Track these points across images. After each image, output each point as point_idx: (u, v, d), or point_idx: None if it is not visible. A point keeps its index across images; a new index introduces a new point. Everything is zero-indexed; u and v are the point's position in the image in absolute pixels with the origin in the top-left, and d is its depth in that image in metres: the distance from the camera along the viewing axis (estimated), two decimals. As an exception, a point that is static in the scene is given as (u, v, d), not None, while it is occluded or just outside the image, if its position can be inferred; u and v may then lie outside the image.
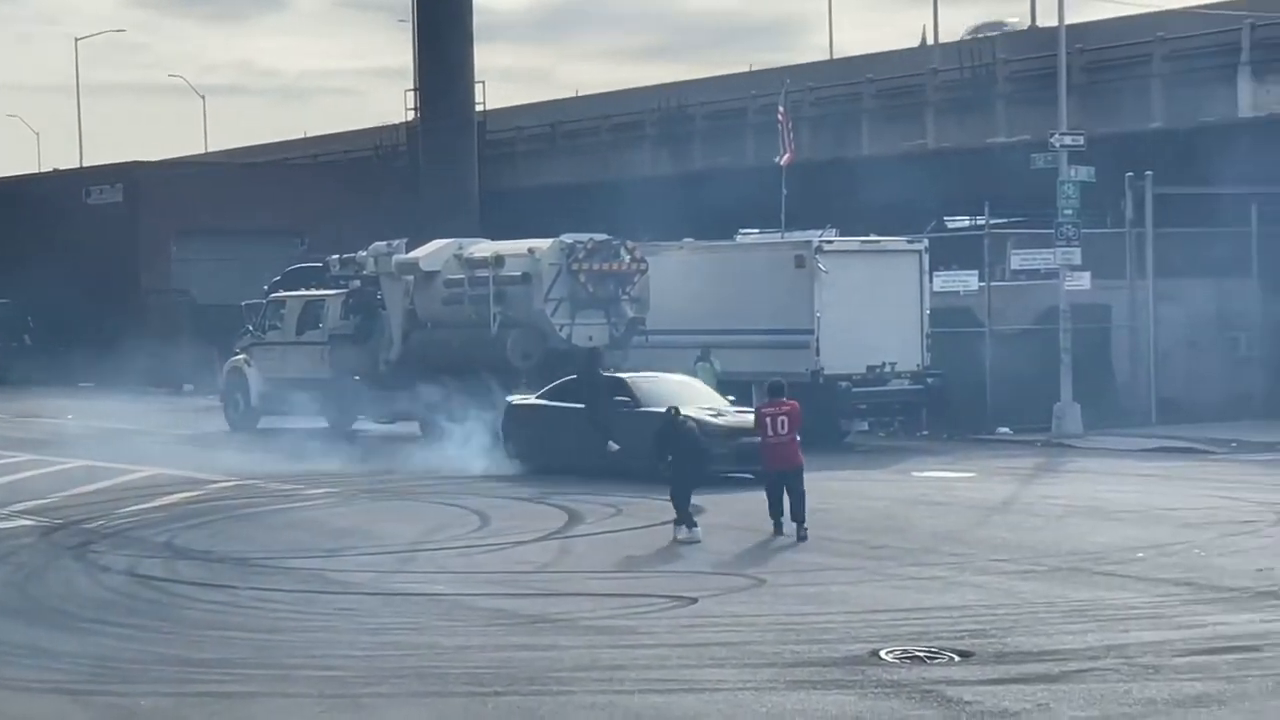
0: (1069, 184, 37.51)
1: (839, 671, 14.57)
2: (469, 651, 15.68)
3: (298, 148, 79.60)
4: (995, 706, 13.27)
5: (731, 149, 54.67)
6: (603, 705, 13.50)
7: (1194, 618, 16.80)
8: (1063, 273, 37.68)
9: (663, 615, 17.46)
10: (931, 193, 44.05)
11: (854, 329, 35.56)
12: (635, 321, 36.31)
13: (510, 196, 58.49)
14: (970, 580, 19.13)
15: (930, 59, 52.85)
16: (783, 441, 22.87)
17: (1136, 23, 47.09)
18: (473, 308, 36.46)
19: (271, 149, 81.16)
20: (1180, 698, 13.48)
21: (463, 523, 24.62)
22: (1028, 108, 44.85)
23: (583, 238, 36.02)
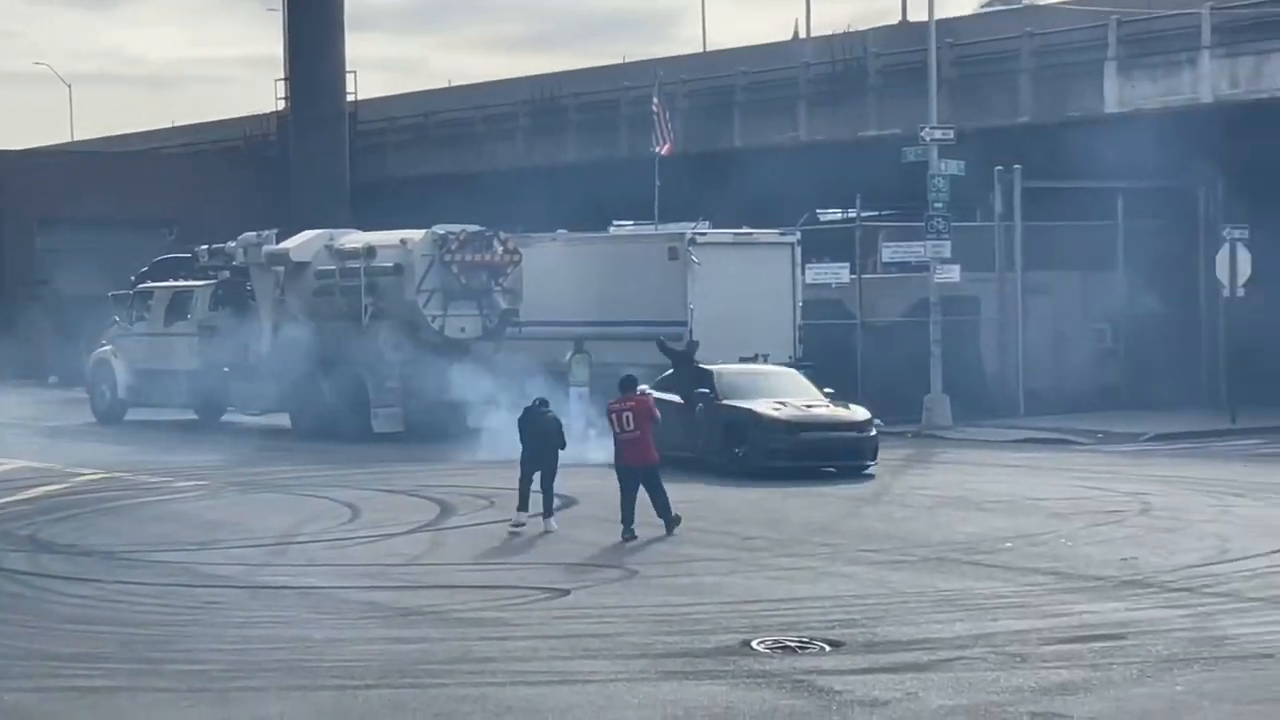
0: (939, 177, 37.86)
1: (711, 662, 14.59)
2: (339, 644, 15.56)
3: (166, 137, 78.57)
4: (865, 696, 13.34)
5: (605, 141, 54.65)
6: (474, 698, 13.43)
7: (1060, 606, 16.98)
8: (933, 265, 38.04)
9: (535, 607, 17.42)
10: (804, 185, 44.25)
11: (727, 321, 35.65)
12: (508, 313, 36.23)
13: (383, 187, 58.11)
14: (841, 570, 19.24)
15: (802, 52, 53.05)
16: (632, 438, 21.95)
17: (1005, 18, 47.60)
18: (344, 299, 36.24)
19: (140, 138, 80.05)
20: (1046, 685, 13.61)
21: (333, 515, 24.44)
22: (899, 101, 45.16)
23: (455, 229, 35.90)
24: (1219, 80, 40.20)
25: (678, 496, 22.78)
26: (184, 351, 39.62)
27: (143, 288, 42.22)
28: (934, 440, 35.75)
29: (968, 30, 47.13)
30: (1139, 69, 41.60)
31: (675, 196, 43.11)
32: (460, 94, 65.08)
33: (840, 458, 28.54)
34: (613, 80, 56.19)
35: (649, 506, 21.98)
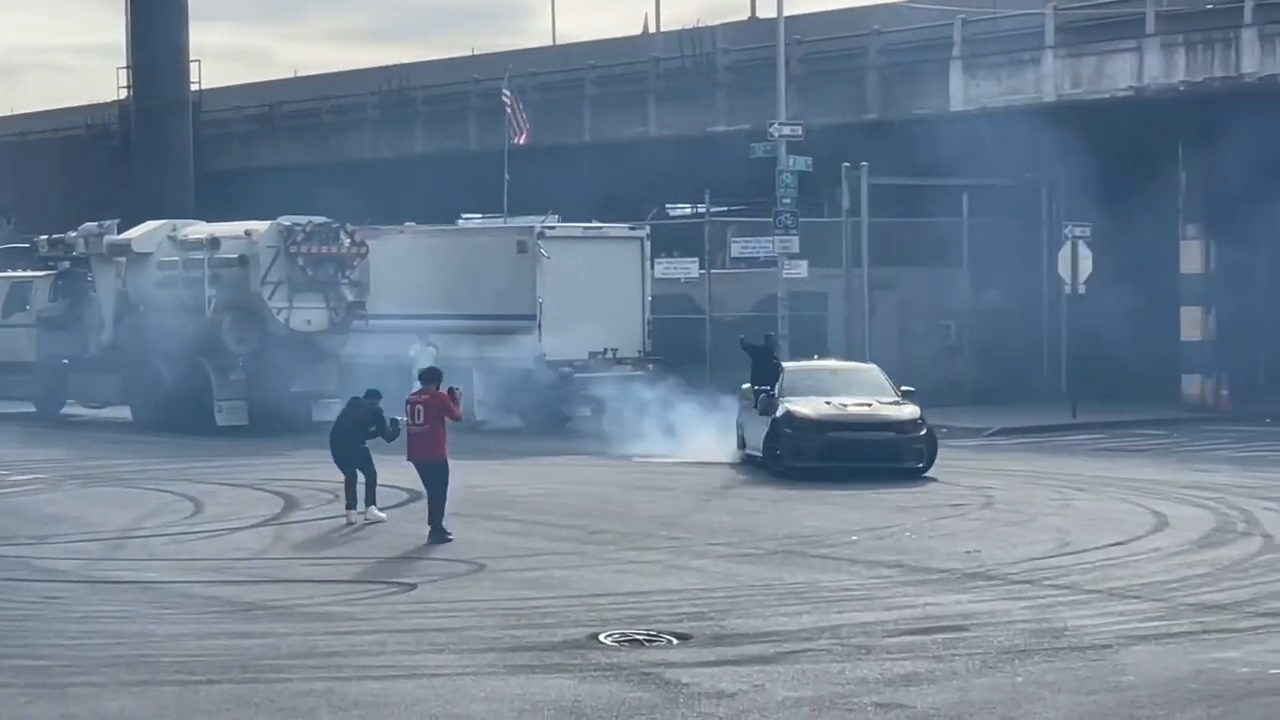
0: (787, 173, 38.12)
1: (558, 655, 14.56)
2: (181, 639, 15.34)
3: (5, 125, 77.20)
4: (712, 688, 13.37)
5: (454, 133, 54.43)
6: (320, 692, 13.30)
7: (905, 599, 17.13)
8: (781, 261, 38.27)
9: (381, 601, 17.30)
10: (653, 180, 44.40)
11: (576, 315, 35.68)
12: (355, 305, 36.01)
13: (228, 178, 57.48)
14: (689, 564, 19.28)
15: (652, 47, 53.18)
16: (419, 431, 21.25)
17: (853, 16, 48.00)
18: (187, 290, 35.83)
19: (-23, 125, 78.62)
20: (891, 677, 13.72)
21: (176, 509, 24.12)
22: (748, 97, 45.40)
23: (301, 220, 35.62)
24: (1061, 80, 40.85)
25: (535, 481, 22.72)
26: (23, 343, 39.01)
27: (-20, 278, 41.49)
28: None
29: (816, 27, 47.47)
30: (983, 68, 42.16)
31: (524, 190, 43.04)
32: (307, 85, 64.59)
33: (874, 459, 26.86)
34: (462, 73, 56.01)
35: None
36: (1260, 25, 38.39)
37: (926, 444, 27.36)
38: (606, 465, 30.25)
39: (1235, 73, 38.59)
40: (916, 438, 27.24)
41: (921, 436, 27.34)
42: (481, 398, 36.72)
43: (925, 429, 27.43)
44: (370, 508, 22.45)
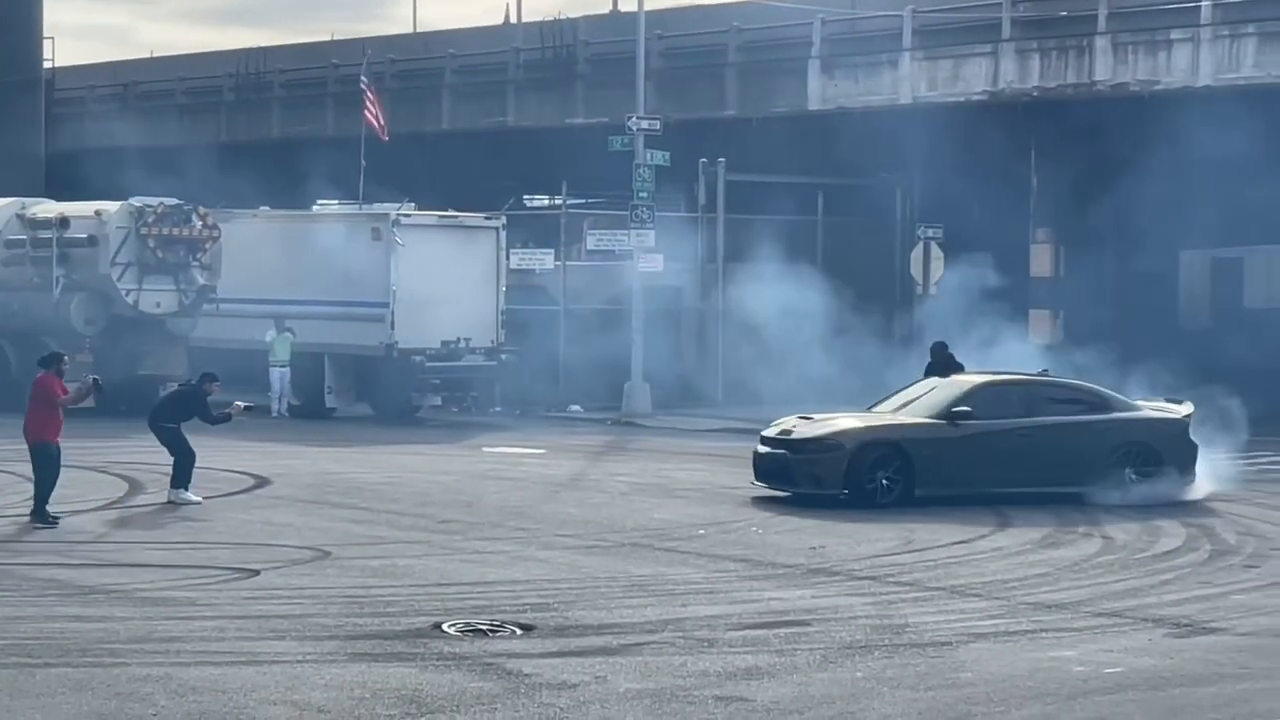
0: (644, 167, 38.20)
1: (401, 644, 14.51)
2: (18, 622, 15.12)
3: None
4: (554, 679, 13.38)
5: (311, 117, 54.04)
6: (158, 677, 13.16)
7: (749, 593, 17.24)
8: (636, 255, 38.34)
9: (223, 587, 17.15)
10: (511, 170, 44.34)
11: (429, 303, 35.58)
12: (206, 289, 35.68)
13: (80, 157, 56.54)
14: (535, 555, 19.29)
15: (513, 38, 53.08)
16: (28, 413, 21.26)
17: (714, 12, 48.17)
18: (35, 270, 35.32)
19: None
20: (732, 670, 13.81)
21: (16, 490, 23.72)
22: (608, 90, 45.43)
23: (153, 201, 35.24)
24: (918, 81, 41.24)
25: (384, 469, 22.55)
26: None
27: None
28: (632, 427, 36.05)
29: (678, 23, 47.60)
30: (841, 68, 42.49)
31: (381, 177, 42.80)
32: (163, 65, 63.79)
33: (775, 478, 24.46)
34: (320, 58, 55.60)
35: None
36: (1113, 33, 39.01)
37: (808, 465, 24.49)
38: (456, 455, 30.19)
39: (1088, 79, 39.19)
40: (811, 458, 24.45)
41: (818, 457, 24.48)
42: (332, 384, 36.53)
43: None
44: (179, 490, 22.47)
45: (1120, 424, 24.56)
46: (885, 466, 23.72)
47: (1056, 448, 24.12)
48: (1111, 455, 24.17)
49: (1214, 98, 36.55)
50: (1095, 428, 24.40)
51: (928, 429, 24.13)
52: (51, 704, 12.45)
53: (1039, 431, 24.24)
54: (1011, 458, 23.95)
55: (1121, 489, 23.92)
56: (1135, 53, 38.77)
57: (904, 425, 24.44)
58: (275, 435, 31.94)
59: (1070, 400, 24.94)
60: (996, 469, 23.92)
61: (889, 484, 23.69)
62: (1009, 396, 24.89)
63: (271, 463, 27.18)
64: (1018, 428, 24.24)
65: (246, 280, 36.40)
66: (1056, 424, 24.39)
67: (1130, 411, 24.90)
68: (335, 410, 36.59)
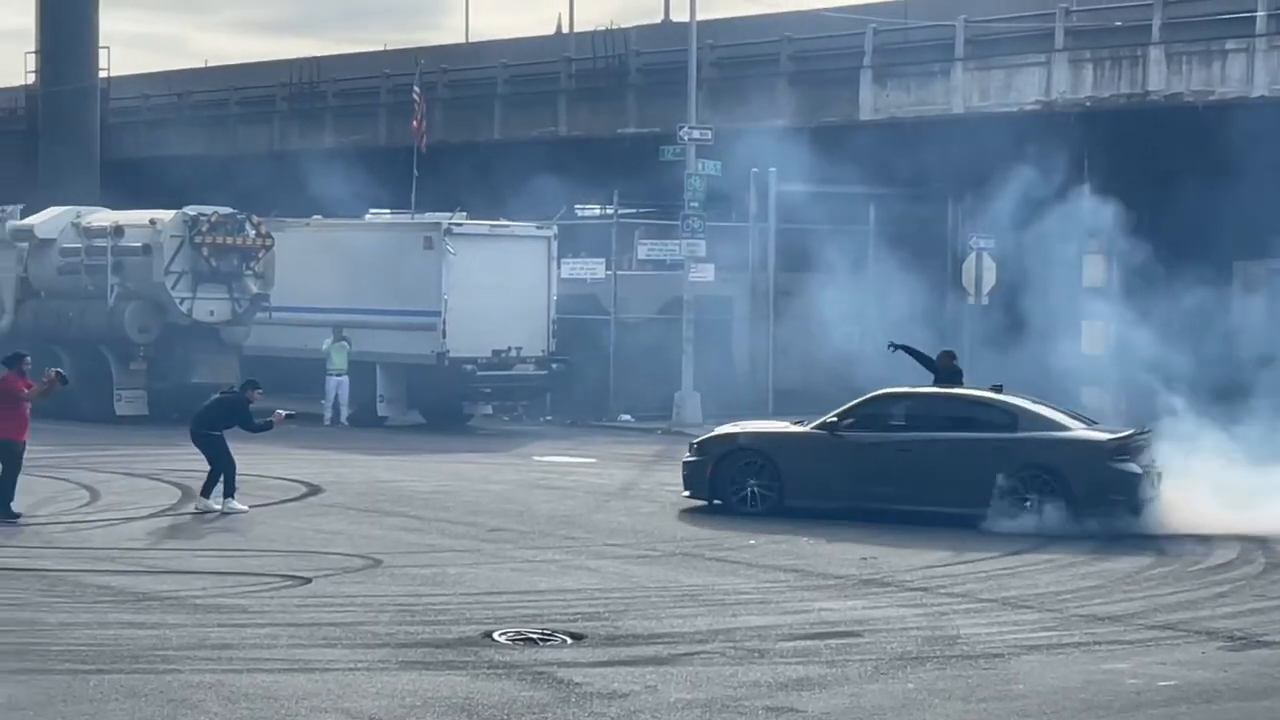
0: (696, 177, 38.17)
1: (452, 653, 14.54)
2: (72, 629, 15.21)
3: (-92, 106, 76.20)
4: (605, 688, 13.38)
5: (364, 127, 54.24)
6: (210, 684, 13.22)
7: (800, 603, 17.21)
8: (687, 264, 38.33)
9: (275, 594, 17.20)
10: (563, 180, 44.35)
11: (481, 312, 35.66)
12: (259, 297, 35.82)
13: (135, 166, 56.92)
14: (586, 564, 19.29)
15: (565, 48, 53.18)
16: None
17: (767, 22, 48.16)
18: (90, 278, 35.53)
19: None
20: (783, 680, 13.78)
21: (71, 497, 23.92)
22: (659, 100, 45.46)
23: (207, 210, 35.40)
24: (970, 91, 41.12)
25: (435, 478, 22.59)
26: (-79, 326, 38.47)
27: (-123, 260, 40.89)
28: (683, 437, 35.83)
29: (729, 32, 47.60)
30: (894, 78, 42.41)
31: (433, 186, 42.92)
32: (217, 75, 64.13)
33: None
34: (373, 67, 55.81)
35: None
36: (1167, 44, 38.83)
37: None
38: (507, 463, 30.23)
39: (1142, 89, 39.00)
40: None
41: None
42: (384, 393, 36.65)
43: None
44: (227, 499, 22.64)
45: (1019, 445, 22.52)
46: (755, 475, 23.36)
47: (939, 465, 22.71)
48: (1006, 479, 22.19)
49: (1269, 108, 36.33)
50: (988, 447, 22.59)
51: (800, 438, 23.64)
52: (105, 710, 12.51)
53: (920, 447, 22.93)
54: (888, 472, 22.88)
55: (1011, 516, 22.03)
56: (1189, 63, 38.58)
57: (774, 434, 24.18)
58: (327, 443, 32.06)
59: (972, 417, 23.26)
60: (872, 483, 22.95)
61: (760, 493, 23.28)
62: (900, 409, 23.83)
63: (323, 470, 27.28)
64: (897, 441, 23.09)
65: (299, 289, 36.56)
66: (940, 440, 22.92)
67: (1040, 432, 22.77)
68: (387, 419, 36.69)
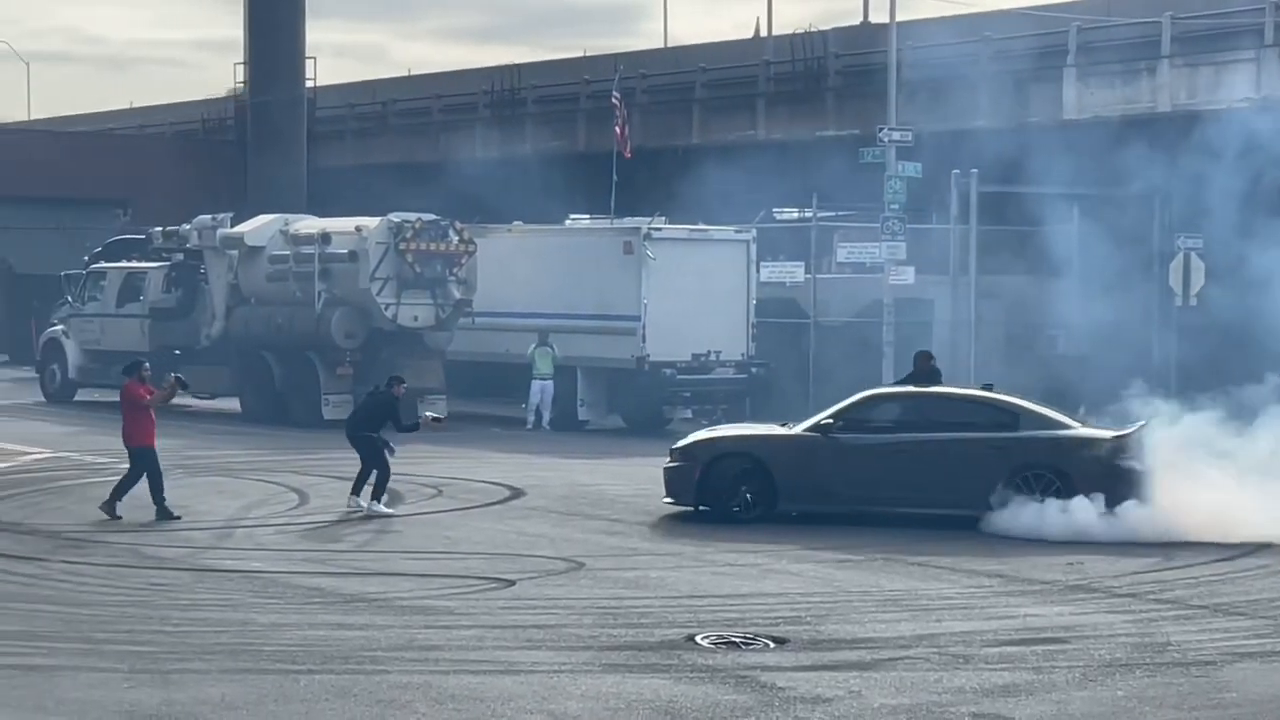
0: (896, 179, 37.92)
1: (655, 656, 14.59)
2: (283, 629, 15.51)
3: (124, 118, 78.25)
4: (808, 693, 13.35)
5: (563, 133, 54.62)
6: (417, 685, 13.40)
7: (1005, 609, 17.03)
8: (887, 266, 38.09)
9: (480, 597, 17.39)
10: (761, 183, 44.30)
11: (680, 316, 35.71)
12: (462, 303, 36.19)
13: (339, 174, 57.91)
14: (787, 568, 19.25)
15: (763, 50, 53.13)
16: (124, 423, 22.86)
17: (966, 22, 47.72)
18: (297, 285, 36.12)
19: (97, 118, 79.69)
20: (989, 687, 13.65)
21: (281, 500, 24.38)
22: (858, 102, 45.27)
23: (411, 217, 35.83)
24: (1177, 89, 40.40)
25: (635, 481, 22.63)
26: (135, 333, 39.42)
27: (95, 268, 42.01)
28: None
29: (928, 33, 47.24)
30: (1097, 75, 41.79)
31: (632, 191, 43.09)
32: (419, 83, 64.98)
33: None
34: (573, 73, 56.18)
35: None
36: (1383, 36, 37.86)
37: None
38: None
39: (1355, 86, 38.08)
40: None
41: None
42: (584, 397, 36.87)
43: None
44: (373, 503, 22.99)
45: (1019, 443, 22.28)
46: (746, 480, 22.53)
47: (940, 466, 22.25)
48: (1009, 478, 21.89)
49: None
50: (987, 446, 22.26)
51: (792, 441, 22.84)
52: (316, 710, 12.74)
53: (916, 447, 22.43)
54: (885, 474, 22.36)
55: (1013, 516, 21.67)
56: None
57: (765, 438, 23.29)
58: (528, 447, 32.33)
59: (970, 416, 22.92)
60: (868, 485, 22.42)
61: (751, 499, 22.49)
62: (894, 410, 23.34)
63: (525, 474, 27.51)
64: (893, 442, 22.58)
65: (500, 294, 36.90)
66: (938, 440, 22.44)
67: (1045, 430, 22.57)
68: (588, 423, 36.90)
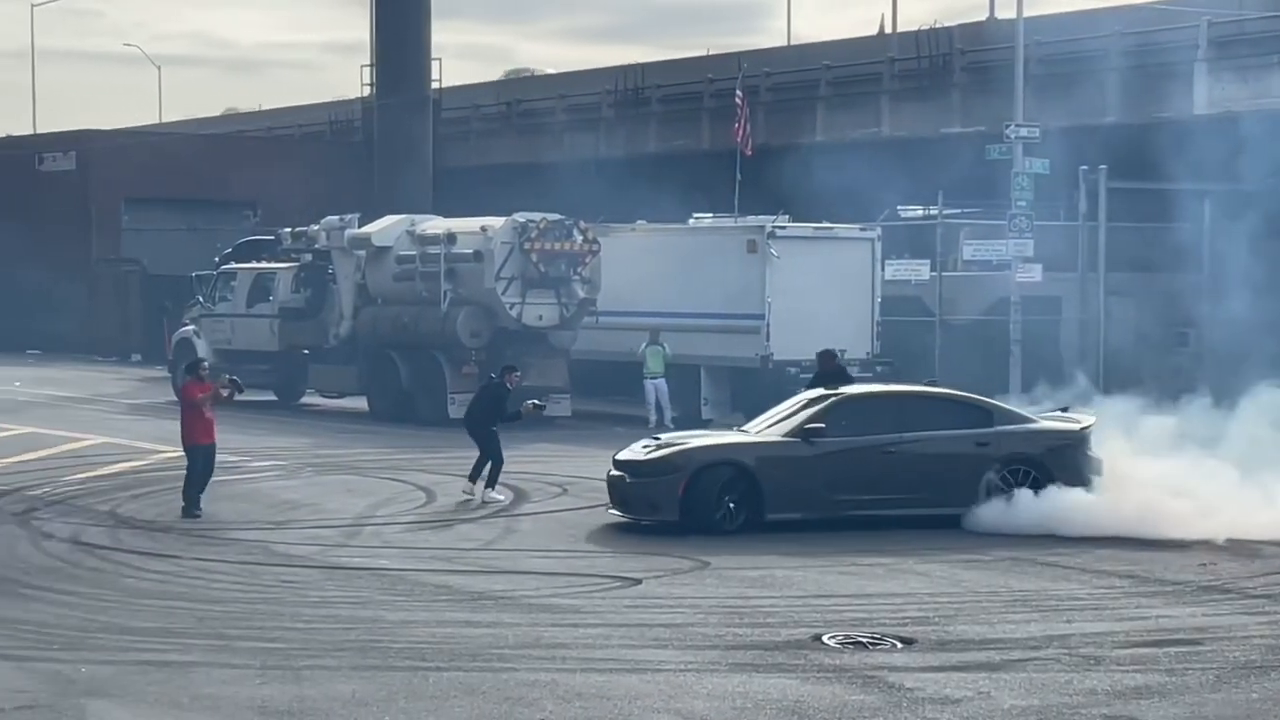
0: (1023, 175, 37.60)
1: (781, 655, 14.57)
2: (412, 626, 15.63)
3: (252, 120, 79.19)
4: (936, 693, 13.28)
5: (687, 132, 54.63)
6: (544, 683, 13.46)
7: (1137, 610, 16.85)
8: (1015, 264, 37.78)
9: (606, 595, 17.43)
10: (885, 181, 44.10)
11: (804, 315, 35.61)
12: (586, 302, 36.27)
13: (464, 174, 58.31)
14: (914, 568, 19.15)
15: (888, 47, 52.87)
16: (181, 421, 23.58)
17: (1094, 17, 47.25)
18: (424, 284, 36.36)
19: (225, 120, 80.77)
20: (1121, 689, 13.51)
21: (408, 498, 24.56)
22: (984, 98, 44.92)
23: (536, 217, 35.96)
24: (1310, 83, 39.82)
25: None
26: (265, 333, 39.90)
27: (226, 269, 42.53)
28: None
29: (1055, 28, 46.80)
30: (1229, 70, 41.22)
31: (756, 189, 43.02)
32: (543, 83, 65.23)
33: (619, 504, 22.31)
34: (696, 72, 56.16)
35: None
36: None
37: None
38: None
39: None
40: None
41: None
42: (708, 396, 36.87)
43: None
44: (480, 487, 24.00)
45: (1000, 438, 22.15)
46: (731, 490, 21.46)
47: (925, 466, 21.87)
48: (994, 474, 21.80)
49: None
50: (969, 443, 22.08)
51: (777, 448, 21.89)
52: (445, 707, 12.83)
53: (903, 447, 21.98)
54: (873, 477, 21.83)
55: (997, 512, 21.55)
56: None
57: (749, 445, 22.17)
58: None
59: (946, 414, 22.60)
60: (857, 489, 21.81)
61: (735, 508, 21.41)
62: (873, 411, 22.67)
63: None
64: (878, 444, 21.96)
65: (624, 293, 36.97)
66: (923, 439, 22.03)
67: (1018, 425, 22.52)
68: (711, 421, 36.85)
